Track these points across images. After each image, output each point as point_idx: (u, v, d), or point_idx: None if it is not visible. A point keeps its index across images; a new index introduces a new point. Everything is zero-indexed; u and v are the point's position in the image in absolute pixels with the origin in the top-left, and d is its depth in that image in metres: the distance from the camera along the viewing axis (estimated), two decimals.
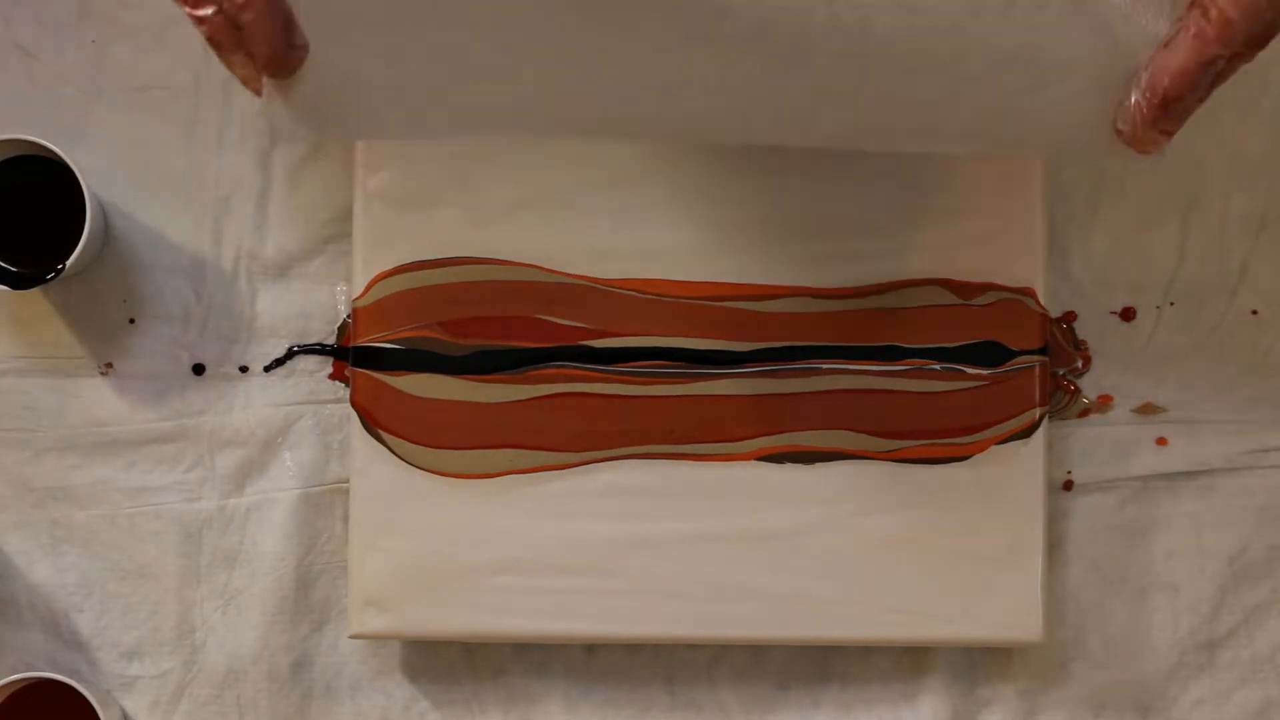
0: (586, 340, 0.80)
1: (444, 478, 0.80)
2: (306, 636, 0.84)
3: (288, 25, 0.64)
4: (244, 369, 0.84)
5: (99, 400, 0.84)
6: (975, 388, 0.81)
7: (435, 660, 0.84)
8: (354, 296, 0.81)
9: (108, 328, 0.84)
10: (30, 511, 0.84)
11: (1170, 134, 0.63)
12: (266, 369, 0.84)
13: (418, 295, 0.80)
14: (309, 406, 0.84)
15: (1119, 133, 0.64)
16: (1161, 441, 0.84)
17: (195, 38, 0.84)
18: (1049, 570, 0.81)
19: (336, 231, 0.84)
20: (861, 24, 0.62)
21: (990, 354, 0.81)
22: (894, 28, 0.62)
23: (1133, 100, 0.63)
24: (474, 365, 0.80)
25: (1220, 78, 0.61)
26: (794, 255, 0.80)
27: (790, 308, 0.81)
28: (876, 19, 0.62)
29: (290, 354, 0.84)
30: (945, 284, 0.81)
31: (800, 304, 0.81)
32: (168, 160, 0.84)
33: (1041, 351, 0.81)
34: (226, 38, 0.63)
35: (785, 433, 0.80)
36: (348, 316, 0.84)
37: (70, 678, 0.79)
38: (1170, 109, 0.62)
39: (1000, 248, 0.80)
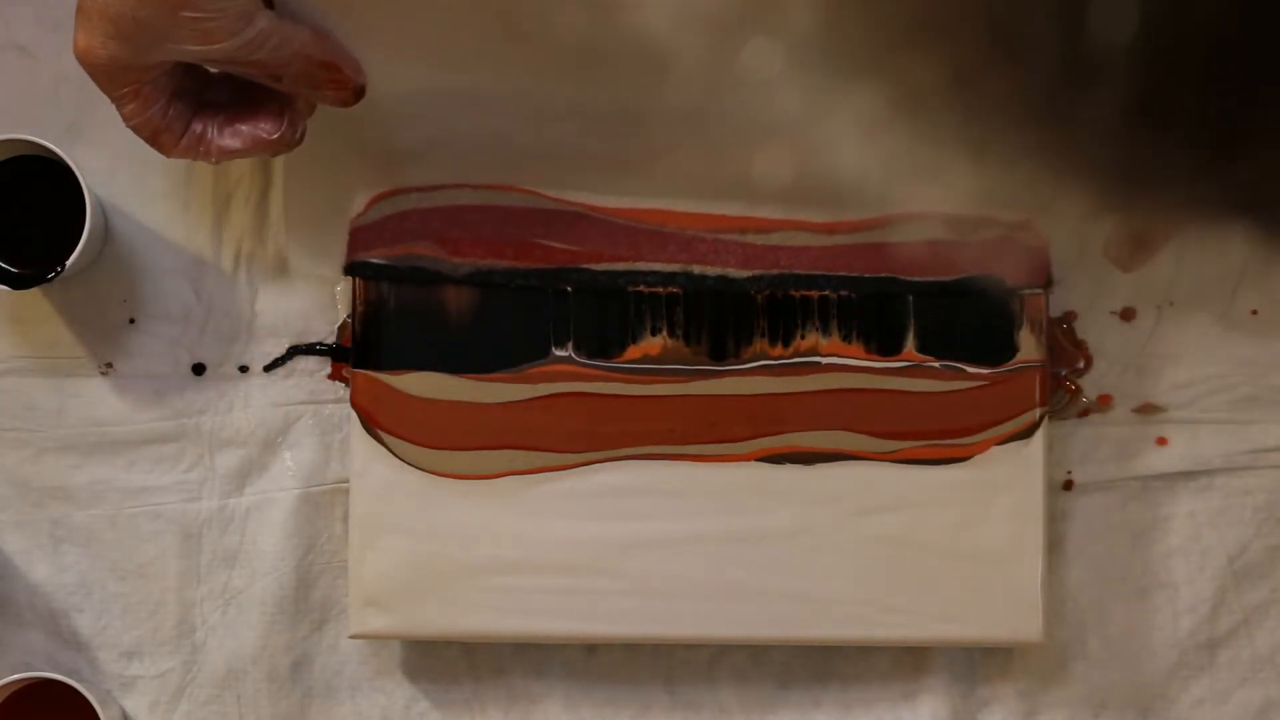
0: (585, 264, 0.80)
1: (444, 478, 0.80)
2: (306, 636, 0.84)
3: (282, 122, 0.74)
4: (244, 369, 0.84)
5: (99, 400, 0.84)
6: (975, 388, 0.81)
7: (435, 660, 0.84)
8: (353, 215, 0.81)
9: (108, 328, 0.84)
10: (30, 511, 0.84)
11: (1145, 262, 0.79)
12: (266, 369, 0.84)
13: (416, 215, 0.80)
14: (309, 406, 0.84)
15: (1107, 256, 0.78)
16: (1161, 441, 0.84)
17: None
18: (1049, 570, 0.81)
19: None
20: None
21: (988, 288, 0.80)
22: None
23: (1120, 235, 0.76)
24: (472, 359, 0.80)
25: None
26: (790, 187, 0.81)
27: (788, 240, 0.81)
28: None
29: (290, 354, 0.84)
30: (940, 216, 0.80)
31: (798, 237, 0.81)
32: (168, 160, 0.84)
33: (1046, 286, 0.80)
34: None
35: (785, 433, 0.80)
36: (348, 316, 0.84)
37: (70, 678, 0.79)
38: (1149, 251, 0.77)
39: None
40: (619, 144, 0.79)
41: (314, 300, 0.84)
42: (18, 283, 0.80)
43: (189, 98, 0.73)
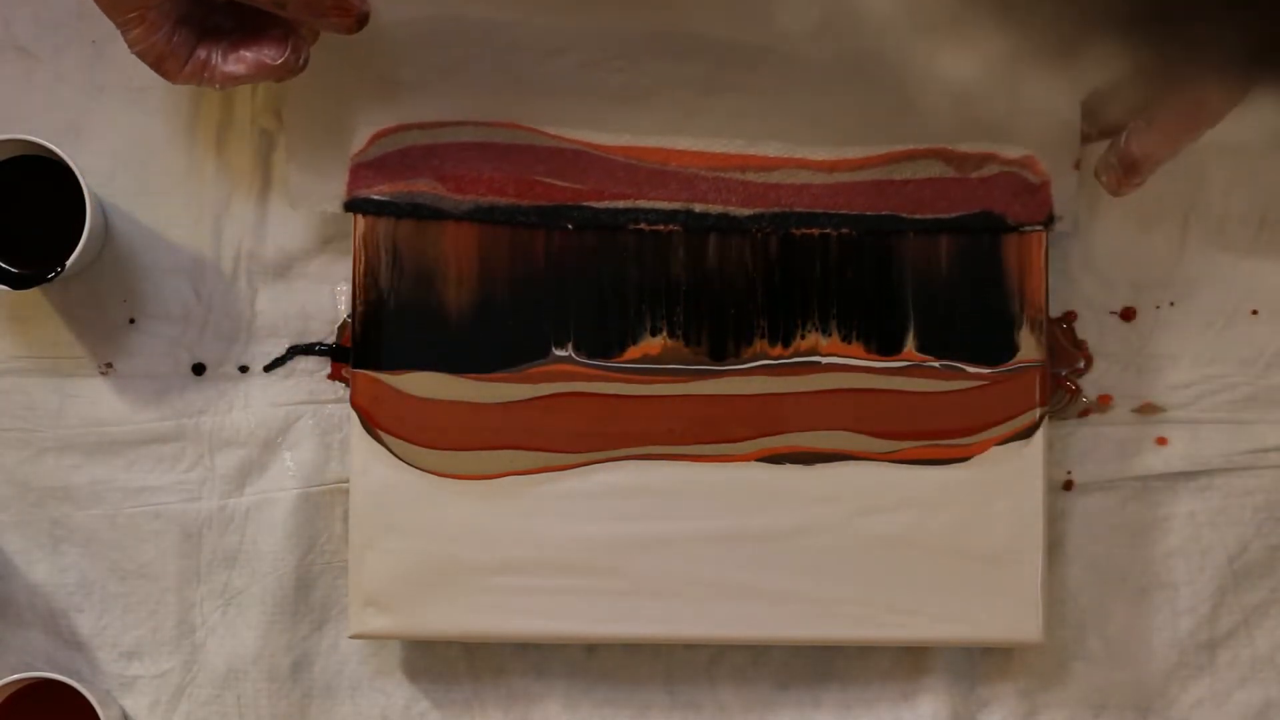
0: (586, 201, 0.80)
1: (444, 478, 0.80)
2: (306, 636, 0.84)
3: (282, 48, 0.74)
4: (244, 369, 0.84)
5: (99, 400, 0.84)
6: (975, 388, 0.81)
7: (435, 660, 0.84)
8: (354, 151, 0.81)
9: (108, 328, 0.84)
10: (30, 511, 0.84)
11: (1137, 186, 0.78)
12: (266, 369, 0.84)
13: (417, 152, 0.81)
14: (309, 406, 0.84)
15: (1098, 178, 0.79)
16: (1161, 441, 0.84)
17: None
18: (1049, 570, 0.81)
19: (336, 231, 0.84)
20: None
21: (988, 225, 0.80)
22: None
23: (1111, 158, 0.78)
24: (473, 359, 0.80)
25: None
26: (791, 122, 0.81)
27: (789, 178, 0.81)
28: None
29: (290, 354, 0.84)
30: (943, 156, 0.81)
31: (799, 175, 0.81)
32: (168, 160, 0.84)
33: (1046, 224, 0.80)
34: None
35: (785, 433, 0.80)
36: (348, 316, 0.84)
37: (70, 678, 0.79)
38: (1139, 174, 0.77)
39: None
40: (623, 76, 0.80)
41: (314, 300, 0.84)
42: (18, 283, 0.80)
43: (194, 24, 0.74)
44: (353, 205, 0.81)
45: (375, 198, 0.80)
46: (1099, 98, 0.79)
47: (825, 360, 0.81)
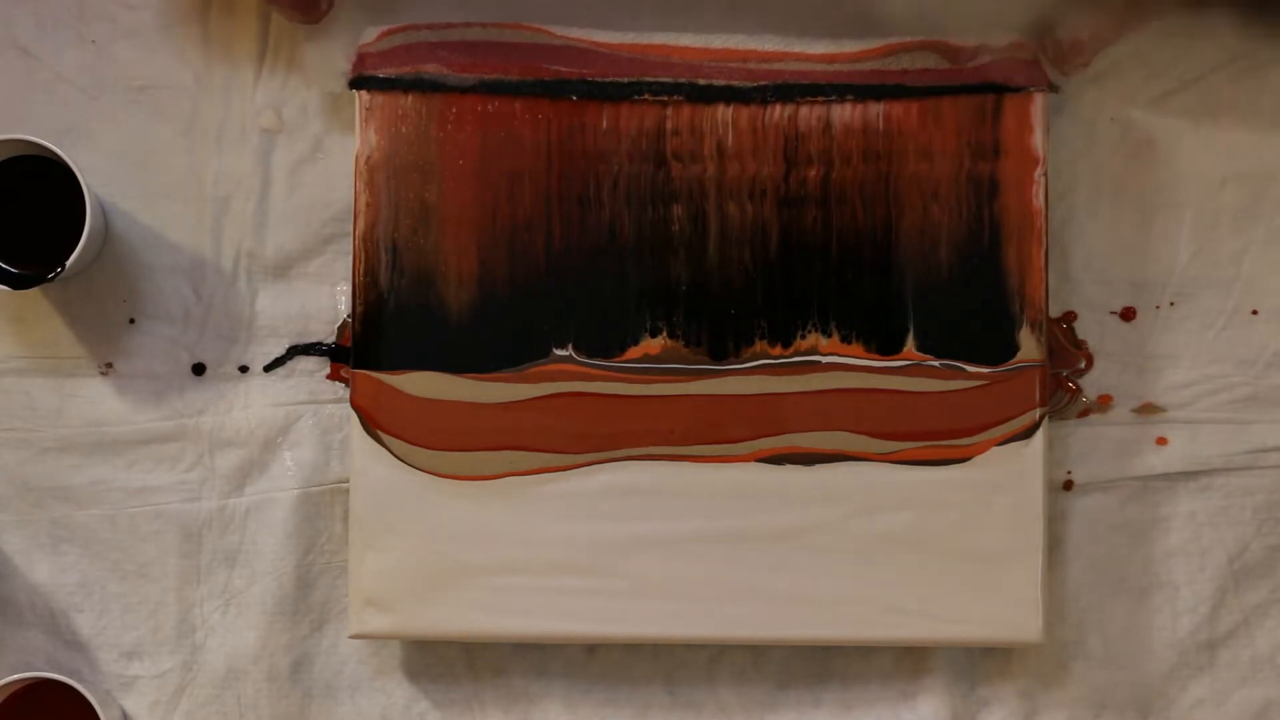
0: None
1: (444, 478, 0.80)
2: (306, 636, 0.84)
3: None
4: (244, 369, 0.84)
5: (99, 400, 0.84)
6: (975, 387, 0.81)
7: (435, 660, 0.84)
8: (362, 42, 0.81)
9: (108, 328, 0.84)
10: (30, 511, 0.84)
11: (1083, 68, 0.82)
12: (266, 369, 0.84)
13: (425, 47, 0.81)
14: (309, 406, 0.84)
15: (1043, 55, 0.81)
16: (1161, 441, 0.84)
17: (195, 38, 0.84)
18: (1049, 570, 0.81)
19: (336, 231, 0.84)
20: None
21: (991, 89, 0.80)
22: None
23: (1057, 36, 0.80)
24: (473, 359, 0.80)
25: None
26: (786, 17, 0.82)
27: (790, 67, 0.81)
28: None
29: (290, 354, 0.84)
30: (937, 49, 0.81)
31: (800, 66, 0.81)
32: (168, 160, 0.84)
33: (1051, 87, 0.81)
34: None
35: (785, 433, 0.80)
36: (348, 316, 0.84)
37: (70, 678, 0.79)
38: (1081, 55, 0.81)
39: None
40: None
41: (314, 300, 0.84)
42: (18, 283, 0.80)
43: None
44: (358, 82, 0.81)
45: (381, 75, 0.80)
46: None
47: (825, 360, 0.81)
